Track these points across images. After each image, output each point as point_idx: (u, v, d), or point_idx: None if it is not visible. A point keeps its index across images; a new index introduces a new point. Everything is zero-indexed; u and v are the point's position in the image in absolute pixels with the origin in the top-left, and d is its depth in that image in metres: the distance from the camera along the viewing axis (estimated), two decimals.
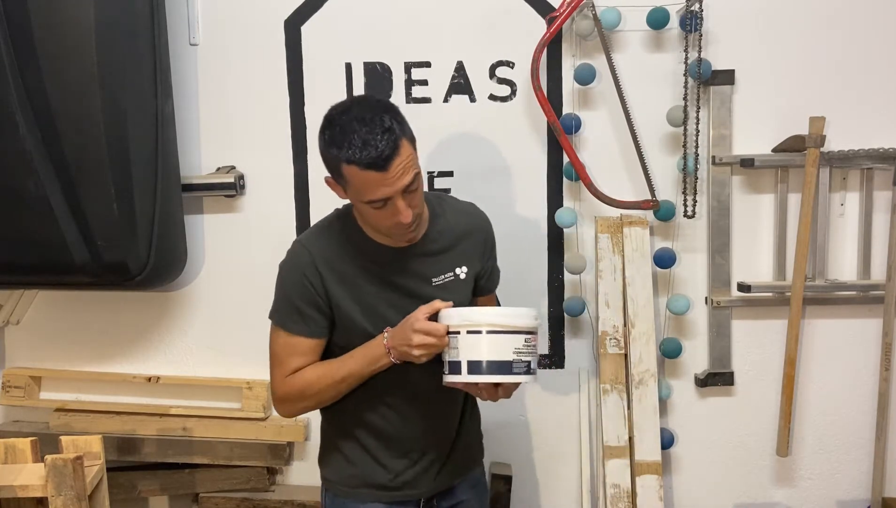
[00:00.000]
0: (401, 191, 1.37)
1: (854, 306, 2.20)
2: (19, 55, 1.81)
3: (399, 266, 1.51)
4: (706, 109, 2.12)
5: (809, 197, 2.06)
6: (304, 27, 2.14)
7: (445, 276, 1.55)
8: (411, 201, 1.40)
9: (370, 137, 1.33)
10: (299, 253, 1.51)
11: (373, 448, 1.58)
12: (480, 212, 1.67)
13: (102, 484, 1.62)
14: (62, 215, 1.87)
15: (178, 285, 2.23)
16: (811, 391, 2.25)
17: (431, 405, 1.57)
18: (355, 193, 1.39)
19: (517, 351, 1.39)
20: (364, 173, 1.34)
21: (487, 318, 1.41)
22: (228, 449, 2.20)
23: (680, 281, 2.21)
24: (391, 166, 1.34)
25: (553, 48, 2.12)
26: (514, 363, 1.39)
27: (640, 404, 2.07)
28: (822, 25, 2.12)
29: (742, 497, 2.30)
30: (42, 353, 2.30)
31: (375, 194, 1.36)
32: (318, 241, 1.52)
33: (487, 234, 1.65)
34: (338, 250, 1.50)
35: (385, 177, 1.34)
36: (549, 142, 2.17)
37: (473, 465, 1.72)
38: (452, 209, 1.61)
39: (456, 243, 1.57)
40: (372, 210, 1.40)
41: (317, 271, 1.48)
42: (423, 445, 1.59)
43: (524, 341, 1.40)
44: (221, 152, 2.19)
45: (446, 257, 1.56)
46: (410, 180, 1.37)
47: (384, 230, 1.45)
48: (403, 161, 1.35)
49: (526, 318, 1.42)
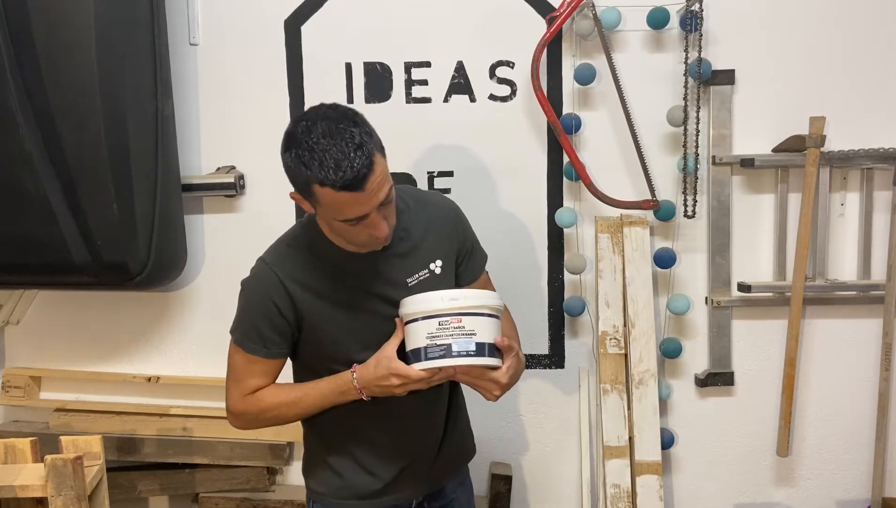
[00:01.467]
0: (376, 207, 1.33)
1: (854, 306, 2.20)
2: (19, 55, 1.82)
3: (372, 273, 1.48)
4: (706, 109, 2.12)
5: (809, 197, 2.06)
6: (304, 27, 2.14)
7: (420, 274, 1.52)
8: (386, 213, 1.38)
9: (342, 157, 1.26)
10: (265, 274, 1.47)
11: (360, 456, 1.56)
12: (446, 199, 1.62)
13: (102, 484, 1.62)
14: (62, 215, 1.87)
15: (178, 285, 2.23)
16: (811, 391, 2.25)
17: (416, 407, 1.55)
18: (328, 212, 1.35)
19: (430, 335, 1.38)
20: (338, 195, 1.28)
21: (404, 308, 1.43)
22: (228, 449, 2.20)
23: (680, 281, 2.21)
24: (366, 186, 1.28)
25: (553, 48, 2.12)
26: (427, 348, 1.38)
27: (640, 404, 2.07)
28: (823, 25, 2.12)
29: (742, 497, 2.30)
30: (42, 353, 2.31)
31: (351, 214, 1.32)
32: (286, 260, 1.47)
33: (456, 220, 1.59)
34: (306, 265, 1.46)
35: (360, 196, 1.29)
36: (549, 142, 2.17)
37: (463, 461, 1.71)
38: (416, 201, 1.56)
39: (424, 236, 1.53)
40: (346, 226, 1.36)
41: (285, 292, 1.44)
42: (412, 448, 1.57)
43: (438, 324, 1.37)
44: (221, 152, 2.19)
45: (418, 255, 1.52)
46: (385, 195, 1.33)
47: (357, 244, 1.42)
48: (377, 177, 1.30)
49: (434, 302, 1.39)
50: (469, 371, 1.41)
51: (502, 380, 1.42)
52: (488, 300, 1.42)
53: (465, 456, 1.73)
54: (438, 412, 1.62)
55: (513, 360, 1.44)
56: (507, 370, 1.43)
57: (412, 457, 1.58)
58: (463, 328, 1.38)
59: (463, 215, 1.62)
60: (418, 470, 1.59)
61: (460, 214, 1.62)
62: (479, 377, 1.43)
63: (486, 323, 1.40)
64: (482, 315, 1.40)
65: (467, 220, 1.63)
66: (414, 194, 1.59)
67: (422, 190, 1.63)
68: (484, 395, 1.47)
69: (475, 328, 1.38)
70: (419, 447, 1.59)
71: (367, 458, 1.56)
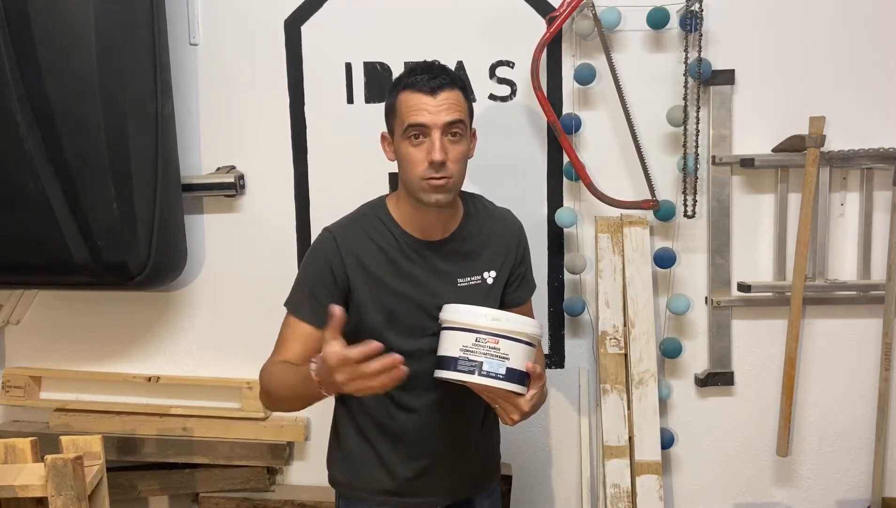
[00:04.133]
0: (441, 126, 1.40)
1: (854, 306, 2.20)
2: (19, 55, 1.81)
3: (426, 263, 1.51)
4: (706, 109, 2.12)
5: (809, 197, 2.06)
6: (304, 27, 2.14)
7: (472, 279, 1.54)
8: (449, 148, 1.42)
9: (430, 70, 1.44)
10: (325, 241, 1.51)
11: (381, 449, 1.56)
12: (514, 218, 1.65)
13: (102, 484, 1.62)
14: (62, 215, 1.87)
15: (178, 285, 2.23)
16: (811, 391, 2.25)
17: (449, 411, 1.55)
18: (401, 122, 1.43)
19: (464, 349, 1.37)
20: (414, 95, 1.41)
21: (445, 313, 1.42)
22: (228, 449, 2.20)
23: (680, 281, 2.21)
24: (440, 95, 1.40)
25: (553, 48, 2.12)
26: (458, 359, 1.37)
27: (640, 404, 2.07)
28: (822, 26, 2.12)
29: (742, 497, 2.31)
30: (42, 353, 2.30)
31: (418, 117, 1.40)
32: (346, 230, 1.52)
33: (520, 241, 1.63)
34: (365, 242, 1.50)
35: (431, 102, 1.40)
36: (549, 142, 2.17)
37: (490, 480, 1.70)
38: (486, 211, 1.61)
39: (486, 245, 1.56)
40: (410, 147, 1.42)
41: (341, 258, 1.48)
42: (434, 452, 1.56)
43: (475, 339, 1.37)
44: (221, 152, 2.19)
45: (476, 259, 1.55)
46: (453, 120, 1.41)
47: (416, 178, 1.43)
48: (452, 100, 1.41)
49: (477, 316, 1.39)
50: (493, 391, 1.40)
51: (524, 407, 1.40)
52: (529, 328, 1.40)
53: (493, 475, 1.72)
54: (470, 423, 1.60)
55: (539, 390, 1.41)
56: (531, 399, 1.40)
57: (432, 461, 1.57)
58: (498, 349, 1.37)
59: (526, 239, 1.65)
60: (439, 477, 1.58)
61: (524, 236, 1.65)
62: (503, 399, 1.41)
63: (521, 350, 1.39)
64: (519, 342, 1.39)
65: (528, 245, 1.66)
66: (486, 204, 1.63)
67: (494, 204, 1.66)
68: (502, 417, 1.44)
69: (509, 353, 1.37)
70: (443, 453, 1.57)
71: (387, 453, 1.56)
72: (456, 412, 1.56)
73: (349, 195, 1.65)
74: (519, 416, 1.41)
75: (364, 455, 1.58)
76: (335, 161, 2.17)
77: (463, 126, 1.44)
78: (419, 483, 1.57)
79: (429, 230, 1.52)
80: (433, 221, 1.51)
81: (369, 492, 1.58)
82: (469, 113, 1.47)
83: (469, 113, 1.47)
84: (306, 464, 2.28)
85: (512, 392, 1.38)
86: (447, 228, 1.53)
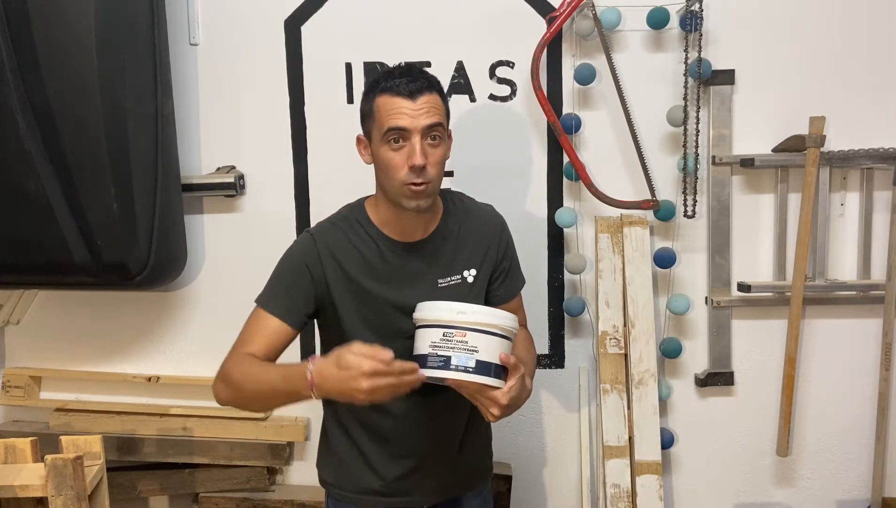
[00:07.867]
0: (421, 130, 1.39)
1: (854, 306, 2.20)
2: (19, 55, 1.81)
3: (406, 264, 1.50)
4: (706, 109, 2.12)
5: (809, 197, 2.06)
6: (304, 27, 2.14)
7: (452, 278, 1.53)
8: (429, 152, 1.41)
9: (407, 73, 1.43)
10: (306, 243, 1.51)
11: (366, 449, 1.56)
12: (496, 213, 1.65)
13: (102, 484, 1.62)
14: (62, 215, 1.87)
15: (178, 285, 2.23)
16: (811, 391, 2.25)
17: (434, 411, 1.54)
18: (380, 126, 1.41)
19: (433, 345, 1.36)
20: (393, 99, 1.40)
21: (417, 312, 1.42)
22: (228, 449, 2.20)
23: (680, 281, 2.21)
24: (419, 99, 1.39)
25: (553, 48, 2.12)
26: (428, 356, 1.36)
27: (640, 404, 2.07)
28: (822, 25, 2.12)
29: (742, 497, 2.31)
30: (42, 353, 2.30)
31: (398, 121, 1.39)
32: (326, 232, 1.51)
33: (501, 236, 1.61)
34: (344, 242, 1.50)
35: (411, 106, 1.39)
36: (549, 142, 2.17)
37: (480, 480, 1.70)
38: (465, 209, 1.60)
39: (465, 243, 1.55)
40: (390, 151, 1.41)
41: (320, 263, 1.48)
42: (420, 452, 1.56)
43: (443, 335, 1.36)
44: (221, 152, 2.19)
45: (454, 258, 1.54)
46: (433, 123, 1.40)
47: (398, 183, 1.42)
48: (431, 103, 1.41)
49: (442, 311, 1.37)
50: (466, 386, 1.36)
51: (501, 401, 1.35)
52: (499, 320, 1.37)
53: (484, 475, 1.71)
54: (457, 422, 1.60)
55: (517, 382, 1.36)
56: (509, 391, 1.35)
57: (419, 461, 1.57)
58: (466, 342, 1.35)
59: (509, 234, 1.64)
60: (426, 476, 1.58)
61: (506, 231, 1.64)
62: (479, 394, 1.37)
63: (491, 342, 1.36)
64: (489, 334, 1.36)
65: (512, 240, 1.65)
66: (467, 202, 1.62)
67: (475, 200, 1.65)
68: (483, 413, 1.40)
69: (478, 346, 1.35)
70: (430, 453, 1.57)
71: (373, 453, 1.56)
72: (440, 412, 1.56)
73: (349, 195, 1.65)
74: (498, 410, 1.35)
75: (350, 455, 1.58)
76: (335, 161, 2.17)
77: (442, 129, 1.44)
78: (406, 483, 1.57)
79: (409, 232, 1.51)
80: (413, 223, 1.51)
81: (357, 492, 1.58)
82: (447, 115, 1.47)
83: (447, 115, 1.47)
84: (306, 464, 2.28)
85: (486, 386, 1.35)
86: (427, 228, 1.53)
